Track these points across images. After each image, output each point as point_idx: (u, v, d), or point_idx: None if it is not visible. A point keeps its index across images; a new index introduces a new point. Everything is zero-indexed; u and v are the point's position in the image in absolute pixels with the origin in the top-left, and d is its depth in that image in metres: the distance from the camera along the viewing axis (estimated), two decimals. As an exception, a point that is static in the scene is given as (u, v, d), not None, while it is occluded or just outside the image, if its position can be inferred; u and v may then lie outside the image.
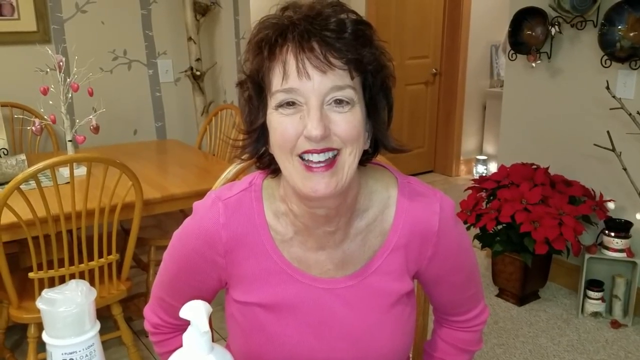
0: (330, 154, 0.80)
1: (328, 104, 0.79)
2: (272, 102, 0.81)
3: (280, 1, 0.84)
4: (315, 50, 0.77)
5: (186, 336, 0.72)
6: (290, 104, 0.79)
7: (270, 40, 0.80)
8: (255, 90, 0.84)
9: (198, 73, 3.43)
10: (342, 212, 0.89)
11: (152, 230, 2.71)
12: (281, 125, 0.80)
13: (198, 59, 3.43)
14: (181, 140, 3.45)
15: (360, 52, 0.80)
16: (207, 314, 0.72)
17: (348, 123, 0.79)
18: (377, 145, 0.90)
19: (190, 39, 3.38)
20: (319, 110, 0.78)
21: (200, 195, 0.99)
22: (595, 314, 2.76)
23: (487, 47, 4.96)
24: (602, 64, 2.68)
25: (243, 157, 0.92)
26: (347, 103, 0.79)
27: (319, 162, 0.79)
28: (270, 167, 0.90)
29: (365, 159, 0.91)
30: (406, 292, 0.96)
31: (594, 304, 2.75)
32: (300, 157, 0.80)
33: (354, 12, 0.83)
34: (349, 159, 0.81)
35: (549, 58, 2.95)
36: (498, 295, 2.98)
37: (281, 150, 0.82)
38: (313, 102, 0.78)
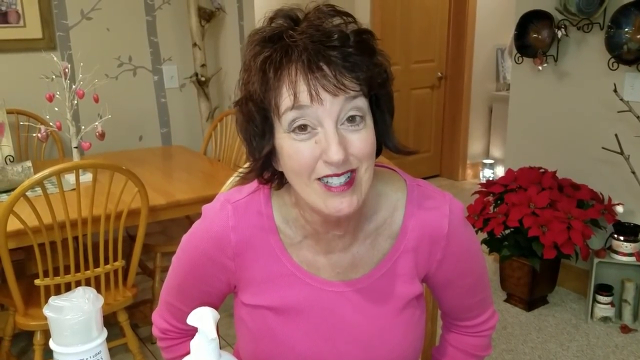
0: (348, 175, 0.79)
1: (342, 123, 0.77)
2: (283, 123, 0.78)
3: (266, 12, 0.81)
4: (325, 72, 0.75)
5: (194, 343, 0.71)
6: (303, 127, 0.77)
7: (274, 62, 0.77)
8: (259, 113, 0.81)
9: (203, 79, 3.44)
10: (352, 217, 0.88)
11: (157, 237, 2.70)
12: (297, 153, 0.78)
13: (203, 65, 3.43)
14: (186, 146, 3.45)
15: (370, 69, 0.78)
16: (214, 321, 0.72)
17: (363, 141, 0.78)
18: (380, 146, 0.88)
19: (195, 44, 3.39)
20: (336, 134, 0.76)
21: (206, 201, 0.98)
22: (605, 319, 2.73)
23: (493, 50, 4.95)
24: (609, 66, 2.66)
25: (248, 178, 0.90)
26: (361, 119, 0.78)
27: (340, 184, 0.78)
28: (273, 182, 0.89)
29: None
30: (416, 295, 0.95)
31: (603, 309, 2.73)
32: (319, 179, 0.78)
33: (348, 13, 0.80)
34: (365, 176, 0.80)
35: (556, 61, 2.94)
36: (506, 301, 2.96)
37: (297, 176, 0.80)
38: (328, 125, 0.76)
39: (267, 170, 0.86)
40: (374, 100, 0.82)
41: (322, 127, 0.76)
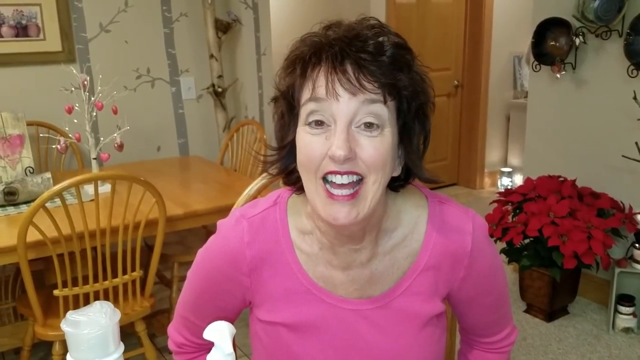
0: (354, 178, 0.77)
1: (357, 125, 0.77)
2: (302, 114, 0.80)
3: (323, 20, 0.82)
4: (348, 72, 0.75)
5: (210, 358, 0.71)
6: (319, 123, 0.77)
7: (304, 58, 0.79)
8: (287, 107, 0.83)
9: (220, 89, 3.46)
10: (367, 231, 0.87)
11: (175, 247, 2.72)
12: (307, 145, 0.79)
13: (220, 76, 3.45)
14: (203, 157, 3.47)
15: (395, 77, 0.77)
16: (231, 335, 0.72)
17: (375, 149, 0.77)
18: (409, 172, 0.87)
19: (212, 56, 3.41)
20: (346, 131, 0.75)
21: (223, 211, 0.98)
22: (627, 330, 2.68)
23: (510, 58, 4.92)
24: (628, 74, 2.63)
25: (272, 172, 0.91)
26: (377, 127, 0.77)
27: (342, 185, 0.77)
28: (297, 184, 0.88)
29: (398, 186, 0.89)
30: (436, 314, 0.93)
31: (625, 320, 2.68)
32: (324, 179, 0.78)
33: (396, 34, 0.81)
34: (373, 189, 0.78)
35: (574, 69, 2.91)
36: (526, 311, 2.92)
37: (305, 170, 0.80)
38: (341, 122, 0.76)
39: (288, 168, 0.87)
40: (402, 115, 0.80)
41: (335, 124, 0.77)
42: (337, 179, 0.77)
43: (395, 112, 0.80)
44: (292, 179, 0.89)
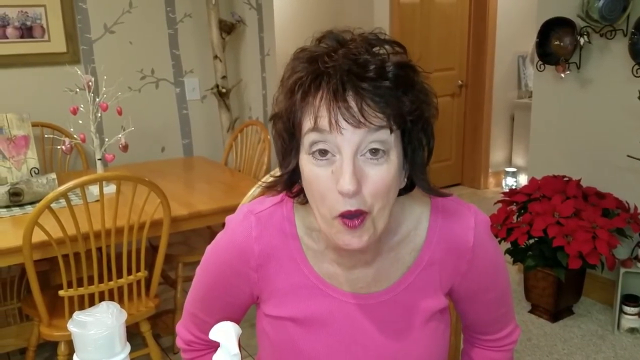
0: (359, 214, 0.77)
1: (362, 154, 0.75)
2: (305, 143, 0.78)
3: (315, 32, 0.81)
4: (350, 104, 0.73)
5: (216, 358, 0.71)
6: (323, 152, 0.76)
7: (303, 85, 0.77)
8: (287, 131, 0.82)
9: (224, 90, 3.46)
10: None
11: (179, 247, 2.72)
12: (314, 177, 0.78)
13: (224, 77, 3.46)
14: (207, 157, 3.47)
15: (400, 104, 0.75)
16: (236, 336, 0.72)
17: (381, 179, 0.76)
18: (412, 182, 0.86)
19: (216, 57, 3.42)
20: (352, 164, 0.74)
21: (227, 211, 0.99)
22: (632, 330, 2.68)
23: (514, 58, 4.92)
24: (633, 73, 2.62)
25: (276, 190, 0.89)
26: (383, 153, 0.76)
27: (352, 216, 0.77)
28: (300, 195, 0.88)
29: (403, 192, 0.88)
30: (440, 309, 0.94)
31: (630, 320, 2.67)
32: (340, 217, 0.77)
33: (393, 42, 0.79)
34: (378, 215, 0.78)
35: (579, 68, 2.90)
36: (531, 312, 2.92)
37: (316, 205, 0.80)
38: (346, 153, 0.74)
39: (294, 184, 0.86)
40: (406, 134, 0.80)
41: (340, 154, 0.75)
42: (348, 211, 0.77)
43: (400, 134, 0.79)
44: (294, 193, 0.89)
